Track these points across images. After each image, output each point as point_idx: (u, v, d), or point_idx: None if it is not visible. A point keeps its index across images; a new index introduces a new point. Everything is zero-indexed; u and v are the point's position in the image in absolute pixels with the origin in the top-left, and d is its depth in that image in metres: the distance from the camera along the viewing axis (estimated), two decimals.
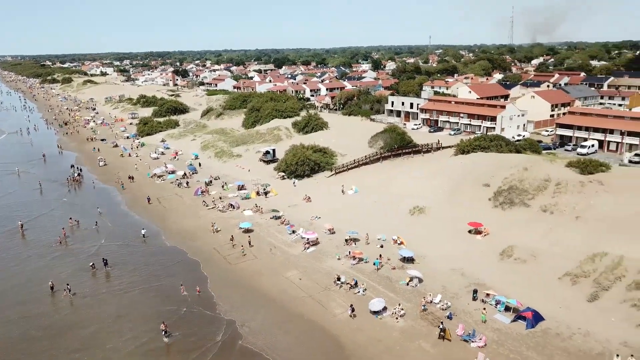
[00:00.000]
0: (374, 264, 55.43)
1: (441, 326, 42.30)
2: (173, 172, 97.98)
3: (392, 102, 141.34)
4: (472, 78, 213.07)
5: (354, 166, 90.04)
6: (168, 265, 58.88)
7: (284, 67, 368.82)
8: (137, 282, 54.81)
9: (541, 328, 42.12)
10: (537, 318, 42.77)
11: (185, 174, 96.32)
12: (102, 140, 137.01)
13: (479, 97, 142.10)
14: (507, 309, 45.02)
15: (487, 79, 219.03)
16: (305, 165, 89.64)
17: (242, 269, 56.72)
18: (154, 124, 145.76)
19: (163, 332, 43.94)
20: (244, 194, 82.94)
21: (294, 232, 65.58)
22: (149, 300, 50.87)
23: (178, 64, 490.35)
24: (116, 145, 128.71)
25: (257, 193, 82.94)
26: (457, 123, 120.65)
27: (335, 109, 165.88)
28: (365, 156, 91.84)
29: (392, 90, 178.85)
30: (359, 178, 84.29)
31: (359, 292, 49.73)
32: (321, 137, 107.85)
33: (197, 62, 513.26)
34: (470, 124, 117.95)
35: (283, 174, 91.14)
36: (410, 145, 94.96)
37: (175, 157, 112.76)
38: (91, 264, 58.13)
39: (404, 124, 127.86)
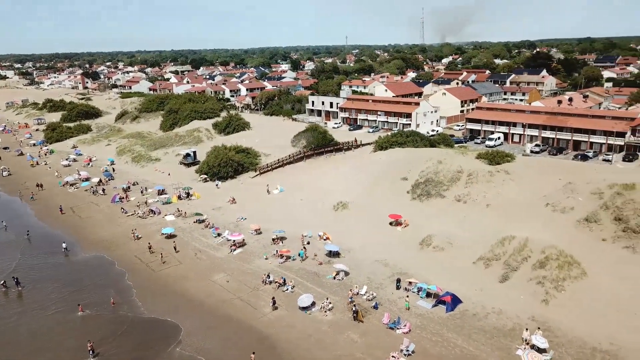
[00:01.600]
0: (299, 254, 56.50)
1: (354, 308, 44.69)
2: (87, 179, 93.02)
3: (313, 102, 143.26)
4: (387, 77, 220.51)
5: (278, 166, 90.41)
6: (90, 277, 55.91)
7: (201, 68, 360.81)
8: (56, 299, 51.58)
9: (460, 310, 44.92)
10: (456, 301, 45.57)
11: (100, 180, 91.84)
12: (5, 148, 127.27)
13: (394, 95, 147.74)
14: (429, 295, 47.52)
15: (401, 77, 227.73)
16: (228, 166, 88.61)
17: (167, 275, 55.26)
18: (63, 129, 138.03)
19: (90, 352, 41.33)
20: (165, 199, 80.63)
21: (219, 234, 64.81)
22: (71, 317, 48.03)
23: (87, 65, 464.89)
24: (21, 154, 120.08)
25: (179, 197, 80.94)
26: (375, 121, 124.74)
27: (257, 109, 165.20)
28: (289, 155, 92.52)
29: (312, 90, 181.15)
30: (284, 177, 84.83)
31: (287, 289, 50.25)
32: (243, 138, 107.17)
33: (108, 63, 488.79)
34: (387, 121, 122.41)
35: (205, 176, 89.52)
36: (332, 144, 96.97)
37: (89, 164, 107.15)
38: (2, 282, 53.95)
39: (325, 123, 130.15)
